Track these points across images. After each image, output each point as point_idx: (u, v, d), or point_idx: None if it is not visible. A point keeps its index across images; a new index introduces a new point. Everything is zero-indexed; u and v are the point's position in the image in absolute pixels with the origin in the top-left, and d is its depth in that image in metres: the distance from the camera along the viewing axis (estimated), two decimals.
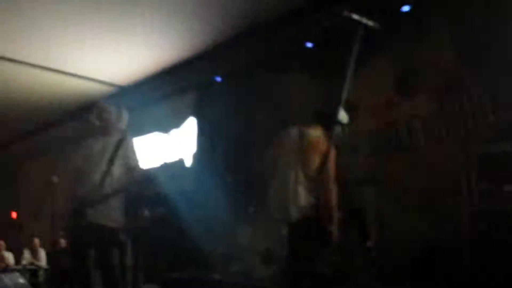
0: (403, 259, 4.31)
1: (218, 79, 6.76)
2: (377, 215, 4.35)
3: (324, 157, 3.20)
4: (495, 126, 4.61)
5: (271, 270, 4.31)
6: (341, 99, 2.89)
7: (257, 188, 4.94)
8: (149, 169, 3.78)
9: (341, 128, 2.92)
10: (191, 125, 7.93)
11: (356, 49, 2.89)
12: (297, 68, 5.88)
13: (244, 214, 4.76)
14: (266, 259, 4.38)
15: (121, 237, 5.93)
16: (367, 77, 5.52)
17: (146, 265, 6.03)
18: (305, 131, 3.66)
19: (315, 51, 5.59)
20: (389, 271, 4.19)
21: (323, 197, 3.26)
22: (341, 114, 2.79)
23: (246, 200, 4.93)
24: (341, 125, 2.87)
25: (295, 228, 3.51)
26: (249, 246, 4.56)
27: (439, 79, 4.98)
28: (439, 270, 4.32)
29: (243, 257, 4.59)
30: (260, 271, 4.38)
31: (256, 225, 4.58)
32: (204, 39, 6.70)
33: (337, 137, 3.09)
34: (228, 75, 6.75)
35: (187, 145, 7.91)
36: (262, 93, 6.80)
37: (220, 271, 4.75)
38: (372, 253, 4.33)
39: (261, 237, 4.49)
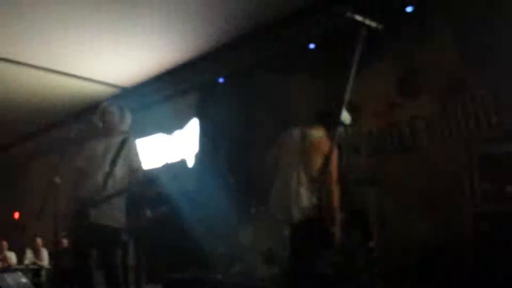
0: (405, 260, 4.31)
1: (220, 80, 6.76)
2: (379, 215, 4.35)
3: (326, 157, 3.21)
4: (498, 127, 4.61)
5: (273, 270, 4.31)
6: (343, 100, 2.89)
7: (259, 188, 4.95)
8: (151, 170, 3.78)
9: (344, 129, 2.91)
10: (193, 126, 7.94)
11: (359, 50, 2.88)
12: (299, 69, 5.88)
13: (246, 214, 4.76)
14: (268, 259, 4.38)
15: (123, 237, 5.95)
16: (369, 77, 5.51)
17: (148, 265, 6.04)
18: (307, 131, 3.66)
19: (317, 52, 5.58)
20: (391, 271, 4.18)
21: (325, 198, 3.25)
22: (343, 114, 2.77)
23: (248, 201, 4.94)
24: (343, 126, 2.86)
25: (297, 228, 3.51)
26: (251, 247, 4.56)
27: (442, 79, 4.98)
28: (441, 271, 4.31)
29: (245, 257, 4.59)
30: (262, 271, 4.38)
31: (258, 226, 4.58)
32: (207, 40, 6.70)
33: (340, 138, 3.08)
34: (230, 76, 6.75)
35: (189, 145, 7.92)
36: (264, 94, 6.80)
37: (222, 271, 4.75)
38: (374, 254, 4.32)
39: (263, 238, 4.49)
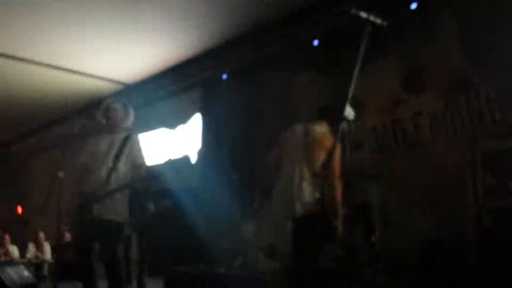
0: (407, 255, 4.31)
1: (224, 76, 6.77)
2: (382, 211, 4.35)
3: (329, 153, 3.22)
4: (502, 123, 4.60)
5: (275, 264, 4.32)
6: (347, 96, 2.90)
7: (262, 184, 4.96)
8: (154, 166, 3.80)
9: (347, 125, 2.92)
10: (196, 122, 7.95)
11: (363, 46, 2.90)
12: (303, 66, 5.88)
13: (249, 209, 4.78)
14: (270, 254, 4.39)
15: (126, 232, 5.98)
16: (374, 74, 5.50)
17: (151, 259, 6.07)
18: (310, 127, 3.67)
19: (321, 49, 5.58)
20: (393, 266, 4.19)
21: (328, 193, 3.26)
22: (347, 110, 2.79)
23: (251, 196, 4.95)
24: (347, 122, 2.87)
25: (299, 223, 3.52)
26: (253, 241, 4.57)
27: (446, 76, 4.97)
28: (444, 267, 4.32)
29: (247, 251, 4.61)
30: (264, 265, 4.39)
31: (260, 220, 4.59)
32: (210, 37, 6.71)
33: (343, 134, 3.09)
34: (234, 72, 6.76)
35: (193, 142, 7.93)
36: (267, 90, 6.80)
37: (224, 265, 4.77)
38: (377, 249, 4.33)
39: (266, 232, 4.50)
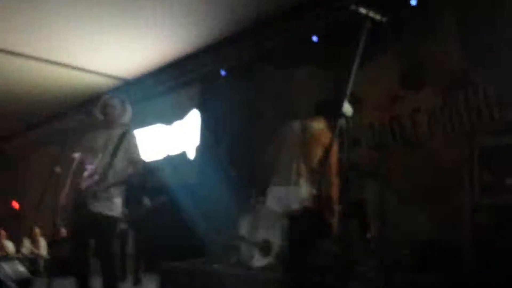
0: (403, 252, 4.31)
1: (222, 72, 6.75)
2: (378, 208, 4.35)
3: (327, 149, 3.21)
4: (500, 120, 4.59)
5: (271, 261, 4.31)
6: (345, 92, 2.88)
7: (259, 180, 4.95)
8: (151, 162, 3.79)
9: (345, 121, 2.91)
10: (194, 118, 7.93)
11: (362, 42, 2.88)
12: (301, 62, 5.87)
13: (245, 206, 4.77)
14: (265, 250, 4.38)
15: (122, 227, 5.99)
16: (372, 70, 5.50)
17: (147, 254, 6.06)
18: (307, 123, 3.66)
19: (320, 45, 5.57)
20: (389, 263, 4.19)
21: (324, 190, 3.25)
22: (345, 106, 2.77)
23: (248, 193, 4.94)
24: (345, 118, 2.86)
25: (295, 220, 3.50)
26: (249, 237, 4.56)
27: (445, 73, 4.97)
28: (440, 264, 4.32)
29: (243, 248, 4.60)
30: (260, 262, 4.39)
31: (257, 217, 4.58)
32: (209, 32, 6.69)
33: (341, 130, 3.08)
34: (232, 68, 6.74)
35: (190, 138, 7.91)
36: (266, 86, 6.79)
37: (219, 262, 4.76)
38: (372, 246, 4.32)
39: (262, 229, 4.50)
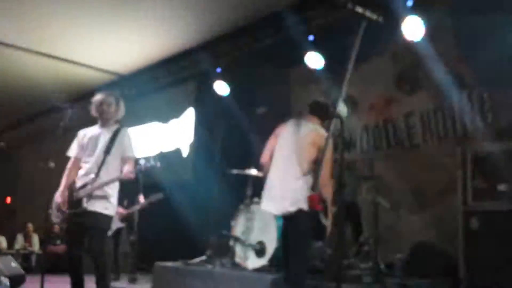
0: (397, 255, 4.33)
1: (218, 70, 6.73)
2: (372, 210, 4.35)
3: (321, 150, 3.19)
4: (493, 126, 4.62)
5: (265, 261, 4.31)
6: (341, 93, 2.87)
7: (254, 180, 4.94)
8: (145, 158, 3.78)
9: (340, 122, 2.90)
10: (189, 115, 7.91)
11: (358, 42, 2.87)
12: (297, 61, 5.86)
13: (240, 205, 4.76)
14: (259, 251, 4.38)
15: (116, 225, 5.97)
16: (368, 72, 5.51)
17: (140, 253, 6.05)
18: (303, 123, 3.65)
19: (316, 44, 5.56)
20: (381, 265, 4.21)
21: (318, 191, 3.24)
22: (340, 107, 2.76)
23: (242, 192, 4.94)
24: (340, 119, 2.85)
25: (289, 220, 3.50)
26: (244, 238, 4.55)
27: (439, 77, 4.97)
28: (433, 266, 4.33)
29: (237, 249, 4.59)
30: (254, 262, 4.38)
31: (251, 217, 4.57)
32: (206, 29, 6.67)
33: (335, 131, 3.07)
34: (228, 66, 6.73)
35: (185, 135, 7.89)
36: (262, 84, 6.78)
37: (213, 262, 4.75)
38: (366, 248, 4.33)
39: (257, 230, 4.49)
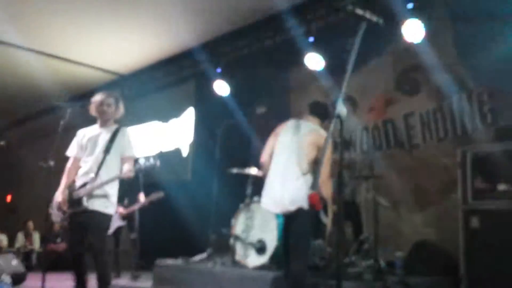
0: (397, 253, 4.35)
1: (218, 70, 6.77)
2: (371, 210, 4.39)
3: (321, 150, 3.21)
4: (492, 126, 4.65)
5: (265, 259, 4.34)
6: (340, 93, 2.89)
7: (253, 179, 4.98)
8: (145, 158, 3.80)
9: (340, 122, 2.92)
10: (189, 115, 7.94)
11: (358, 44, 2.88)
12: (297, 62, 5.89)
13: (240, 204, 4.79)
14: (259, 249, 4.40)
15: (117, 224, 6.00)
16: (368, 73, 5.54)
17: (140, 251, 6.08)
18: (303, 123, 3.67)
19: (316, 45, 5.59)
20: (382, 263, 4.24)
21: (318, 190, 3.26)
22: (340, 107, 2.78)
23: (242, 190, 4.97)
24: (339, 119, 2.87)
25: (289, 219, 3.52)
26: (244, 237, 4.58)
27: (440, 78, 5.01)
28: (433, 265, 4.37)
29: (238, 247, 4.62)
30: (254, 260, 4.41)
31: (251, 216, 4.60)
32: (206, 29, 6.70)
33: (335, 131, 3.10)
34: (228, 66, 6.77)
35: (185, 135, 7.93)
36: (262, 85, 6.81)
37: (214, 260, 4.78)
38: (366, 246, 4.36)
39: (257, 228, 4.52)
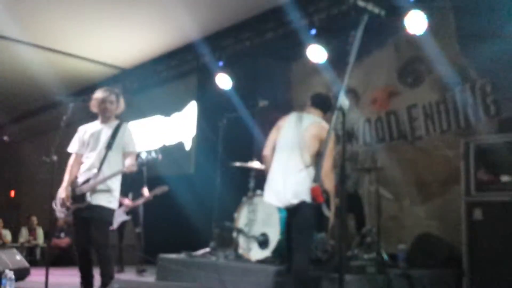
0: (400, 245, 4.35)
1: (220, 63, 6.75)
2: (374, 202, 4.37)
3: (323, 142, 3.20)
4: (495, 118, 4.63)
5: (268, 253, 4.34)
6: (343, 85, 2.87)
7: (256, 172, 4.97)
8: (147, 152, 3.80)
9: (342, 114, 2.90)
10: (192, 108, 7.93)
11: (360, 36, 2.86)
12: (299, 54, 5.86)
13: (243, 198, 4.79)
14: (262, 242, 4.41)
15: (120, 218, 6.01)
16: (370, 65, 5.51)
17: (144, 245, 6.10)
18: (305, 116, 3.66)
19: (318, 37, 5.56)
20: (385, 256, 4.23)
21: (321, 183, 3.25)
22: (342, 99, 2.76)
23: (245, 184, 4.97)
24: (342, 111, 2.85)
25: (293, 212, 3.52)
26: (247, 230, 4.58)
27: (442, 69, 4.98)
28: (436, 257, 4.36)
29: (240, 240, 4.62)
30: (257, 254, 4.42)
31: (254, 209, 4.60)
32: (208, 23, 6.67)
33: (337, 123, 3.08)
34: (230, 59, 6.75)
35: (188, 128, 7.92)
36: (264, 78, 6.79)
37: (217, 254, 4.79)
38: (369, 240, 4.35)
39: (259, 221, 4.52)
